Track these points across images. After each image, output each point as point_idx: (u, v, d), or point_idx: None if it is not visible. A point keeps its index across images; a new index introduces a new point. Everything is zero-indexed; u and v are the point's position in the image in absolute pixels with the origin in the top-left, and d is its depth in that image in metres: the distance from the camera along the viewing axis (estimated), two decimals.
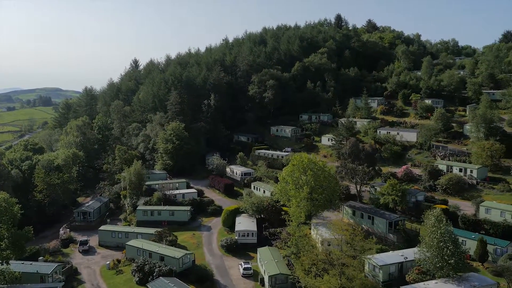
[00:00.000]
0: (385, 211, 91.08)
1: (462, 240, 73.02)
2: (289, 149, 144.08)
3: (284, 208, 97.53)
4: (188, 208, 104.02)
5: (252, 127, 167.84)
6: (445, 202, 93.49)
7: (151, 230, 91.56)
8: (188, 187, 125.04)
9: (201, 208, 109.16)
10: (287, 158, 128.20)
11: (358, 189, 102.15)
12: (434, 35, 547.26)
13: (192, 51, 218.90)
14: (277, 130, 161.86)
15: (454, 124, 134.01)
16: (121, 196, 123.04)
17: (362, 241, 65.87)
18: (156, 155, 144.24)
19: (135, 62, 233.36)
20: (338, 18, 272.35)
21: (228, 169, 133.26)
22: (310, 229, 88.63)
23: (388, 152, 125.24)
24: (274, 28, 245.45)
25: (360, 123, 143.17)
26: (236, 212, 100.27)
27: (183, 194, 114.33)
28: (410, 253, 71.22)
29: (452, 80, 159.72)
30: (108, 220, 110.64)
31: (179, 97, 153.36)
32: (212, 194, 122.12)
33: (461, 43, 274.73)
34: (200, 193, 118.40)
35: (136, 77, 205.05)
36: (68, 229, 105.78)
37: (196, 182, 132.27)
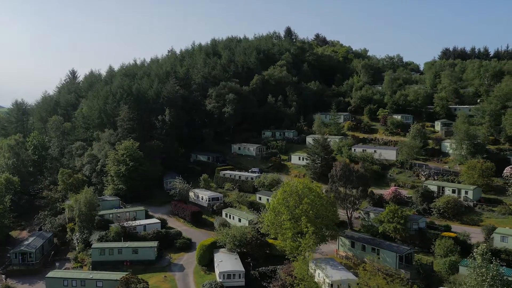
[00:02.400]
0: (383, 240, 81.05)
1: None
2: (256, 169, 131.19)
3: (270, 241, 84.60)
4: (154, 244, 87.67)
5: (211, 145, 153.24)
6: (448, 228, 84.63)
7: (115, 275, 74.45)
8: (147, 216, 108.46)
9: (168, 242, 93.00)
10: (260, 181, 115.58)
11: (350, 215, 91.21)
12: (379, 51, 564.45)
13: (138, 62, 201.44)
14: (239, 148, 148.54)
15: (430, 141, 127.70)
16: (68, 230, 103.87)
17: None
18: (105, 178, 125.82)
19: (73, 73, 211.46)
20: (288, 31, 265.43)
21: (191, 194, 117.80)
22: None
23: (367, 172, 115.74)
24: (224, 39, 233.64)
25: (332, 141, 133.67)
26: (213, 247, 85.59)
27: (145, 226, 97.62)
28: None
29: (418, 95, 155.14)
30: (57, 264, 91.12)
31: (131, 112, 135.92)
32: (176, 224, 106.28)
33: (405, 59, 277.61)
34: (163, 223, 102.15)
35: (76, 89, 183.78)
36: (3, 276, 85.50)
37: (154, 209, 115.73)
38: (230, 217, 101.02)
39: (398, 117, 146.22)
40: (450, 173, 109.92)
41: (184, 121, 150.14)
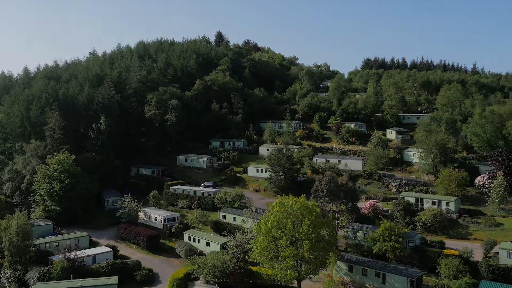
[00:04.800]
0: (376, 260, 73.42)
1: None
2: (209, 183, 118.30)
3: (255, 269, 73.00)
4: (114, 280, 71.21)
5: (153, 157, 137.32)
6: (442, 244, 78.75)
7: None
8: (92, 243, 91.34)
9: (126, 276, 77.29)
10: (221, 197, 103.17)
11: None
12: (306, 59, 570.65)
13: (60, 63, 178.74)
14: (186, 160, 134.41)
15: (391, 149, 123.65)
16: None
17: None
18: (33, 198, 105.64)
19: None
20: (219, 36, 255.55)
21: (141, 214, 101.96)
22: None
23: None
24: (155, 42, 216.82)
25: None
26: (187, 279, 72.04)
27: (94, 257, 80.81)
28: None
29: (368, 103, 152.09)
30: None
31: (62, 120, 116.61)
32: (129, 251, 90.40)
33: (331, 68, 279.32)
34: (114, 251, 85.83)
35: None
36: None
37: (97, 234, 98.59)
38: (195, 241, 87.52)
39: (352, 125, 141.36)
40: (421, 183, 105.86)
41: (121, 130, 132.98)
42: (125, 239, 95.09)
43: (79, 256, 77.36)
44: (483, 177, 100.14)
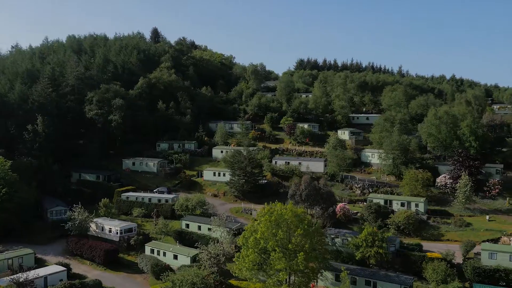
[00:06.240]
0: (364, 267, 70.61)
1: None
2: (164, 189, 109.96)
3: (235, 283, 67.13)
4: None
5: (96, 160, 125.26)
6: (419, 247, 77.52)
7: None
8: (38, 261, 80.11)
9: None
10: (182, 204, 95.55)
11: None
12: (240, 59, 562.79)
13: None
14: (133, 164, 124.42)
15: (349, 150, 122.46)
16: None
17: None
18: None
19: None
20: (155, 32, 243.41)
21: (93, 225, 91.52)
22: None
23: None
24: (82, 37, 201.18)
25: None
26: None
27: (46, 278, 70.26)
28: None
29: (319, 104, 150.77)
30: None
31: None
32: (83, 268, 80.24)
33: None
34: (67, 269, 75.51)
35: None
36: None
37: (41, 250, 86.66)
38: (159, 254, 79.60)
39: (305, 126, 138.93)
40: (385, 184, 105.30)
41: (60, 132, 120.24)
42: (76, 255, 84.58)
43: (27, 278, 66.68)
44: (445, 177, 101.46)
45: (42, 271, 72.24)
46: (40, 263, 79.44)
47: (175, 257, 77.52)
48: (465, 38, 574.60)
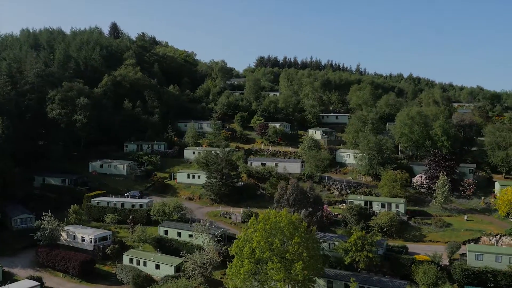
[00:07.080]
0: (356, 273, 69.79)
1: None
2: (135, 193, 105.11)
3: None
4: None
5: (59, 163, 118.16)
6: (405, 249, 77.66)
7: None
8: (4, 274, 74.25)
9: None
10: (159, 209, 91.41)
11: None
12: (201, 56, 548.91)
13: None
14: (101, 166, 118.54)
15: (323, 150, 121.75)
16: None
17: None
18: None
19: None
20: (114, 27, 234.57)
21: (63, 234, 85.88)
22: None
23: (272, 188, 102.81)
24: (37, 32, 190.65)
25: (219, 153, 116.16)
26: None
27: None
28: None
29: (289, 102, 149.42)
30: None
31: None
32: (56, 281, 75.18)
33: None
34: (40, 283, 70.24)
35: None
36: None
37: (7, 261, 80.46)
38: (139, 264, 75.65)
39: (277, 125, 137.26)
40: (362, 185, 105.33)
41: (21, 133, 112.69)
42: (48, 266, 79.01)
43: None
44: (421, 177, 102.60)
45: (14, 287, 66.80)
46: (8, 277, 73.91)
47: (157, 266, 73.90)
48: (418, 37, 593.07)
